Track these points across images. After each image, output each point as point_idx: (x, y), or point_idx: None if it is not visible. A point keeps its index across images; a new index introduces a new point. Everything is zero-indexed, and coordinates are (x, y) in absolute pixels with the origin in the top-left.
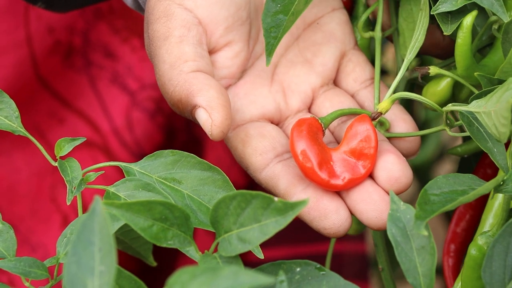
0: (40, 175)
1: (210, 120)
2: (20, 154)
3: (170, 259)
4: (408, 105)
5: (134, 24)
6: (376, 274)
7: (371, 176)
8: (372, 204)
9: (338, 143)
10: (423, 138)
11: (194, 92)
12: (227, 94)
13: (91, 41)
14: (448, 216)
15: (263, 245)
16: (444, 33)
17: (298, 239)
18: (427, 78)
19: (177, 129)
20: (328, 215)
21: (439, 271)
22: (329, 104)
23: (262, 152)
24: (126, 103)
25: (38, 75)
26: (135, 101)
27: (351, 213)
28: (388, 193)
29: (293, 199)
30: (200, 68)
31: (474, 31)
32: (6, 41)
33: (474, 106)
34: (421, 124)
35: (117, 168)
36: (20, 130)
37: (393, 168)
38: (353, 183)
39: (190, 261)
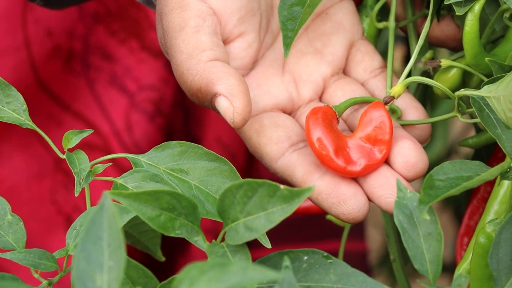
0: (40, 177)
1: (231, 107)
2: (21, 155)
3: (176, 254)
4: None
5: (131, 25)
6: (385, 269)
7: (387, 162)
8: (390, 189)
9: (352, 131)
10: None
11: (213, 80)
12: (246, 82)
13: (90, 45)
14: (458, 214)
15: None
16: (457, 13)
17: (302, 238)
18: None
19: (175, 131)
20: (346, 200)
21: (452, 265)
22: (341, 93)
23: (277, 141)
24: (125, 105)
25: (37, 78)
26: (134, 102)
27: (369, 199)
28: (405, 179)
29: None
30: (218, 57)
31: (486, 20)
32: (5, 43)
33: (485, 91)
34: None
35: (117, 166)
36: (28, 123)
37: (409, 154)
38: (369, 169)
39: (195, 256)
